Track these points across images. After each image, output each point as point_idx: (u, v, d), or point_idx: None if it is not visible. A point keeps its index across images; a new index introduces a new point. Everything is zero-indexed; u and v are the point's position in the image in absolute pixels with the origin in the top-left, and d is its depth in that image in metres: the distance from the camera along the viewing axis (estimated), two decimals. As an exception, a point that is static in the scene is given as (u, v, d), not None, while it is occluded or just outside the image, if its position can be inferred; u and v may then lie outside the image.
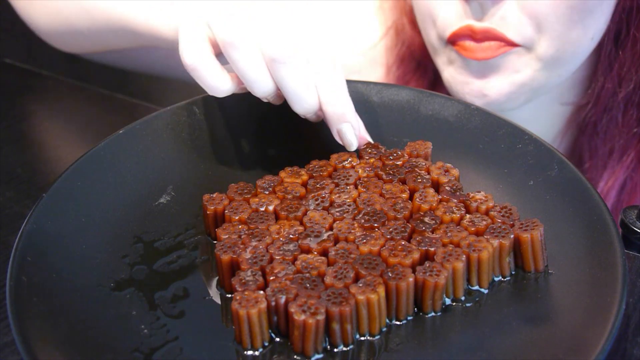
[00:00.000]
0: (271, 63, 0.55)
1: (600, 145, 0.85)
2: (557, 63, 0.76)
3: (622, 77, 0.80)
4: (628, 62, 0.79)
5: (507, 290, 0.52)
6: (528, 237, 0.52)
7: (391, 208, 0.55)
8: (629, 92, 0.80)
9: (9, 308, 0.47)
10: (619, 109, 0.82)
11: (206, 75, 0.56)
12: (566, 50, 0.75)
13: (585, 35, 0.75)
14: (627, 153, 0.84)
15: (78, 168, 0.58)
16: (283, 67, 0.55)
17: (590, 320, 0.47)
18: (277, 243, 0.52)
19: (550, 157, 0.59)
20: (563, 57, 0.76)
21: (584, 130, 0.86)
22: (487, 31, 0.73)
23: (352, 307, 0.48)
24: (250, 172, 0.62)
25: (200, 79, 0.56)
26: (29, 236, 0.52)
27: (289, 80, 0.56)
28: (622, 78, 0.80)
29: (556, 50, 0.74)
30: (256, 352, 0.48)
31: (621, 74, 0.80)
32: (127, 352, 0.48)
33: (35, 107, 0.84)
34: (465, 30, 0.74)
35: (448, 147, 0.63)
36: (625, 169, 0.84)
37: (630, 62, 0.78)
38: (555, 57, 0.75)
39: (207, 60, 0.56)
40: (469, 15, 0.74)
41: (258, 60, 0.56)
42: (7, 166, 0.73)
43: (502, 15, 0.73)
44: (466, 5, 0.74)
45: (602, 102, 0.82)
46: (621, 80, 0.80)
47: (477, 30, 0.74)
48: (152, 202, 0.59)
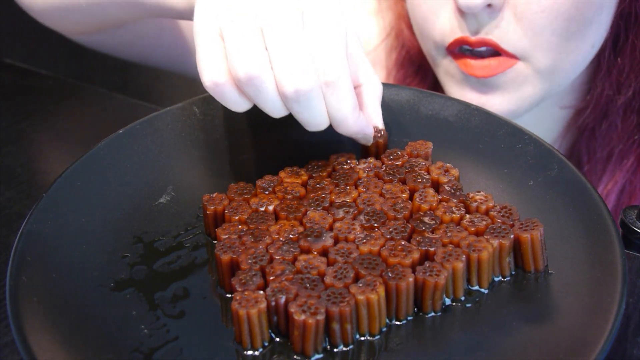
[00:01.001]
0: (286, 100, 0.53)
1: (598, 150, 0.84)
2: (556, 73, 0.76)
3: (621, 83, 0.79)
4: (627, 69, 0.78)
5: (507, 290, 0.52)
6: (528, 237, 0.52)
7: (391, 208, 0.55)
8: (628, 98, 0.80)
9: (9, 308, 0.47)
10: (618, 115, 0.82)
11: (225, 95, 0.54)
12: (564, 60, 0.75)
13: (585, 45, 0.75)
14: (627, 157, 0.83)
15: (78, 168, 0.58)
16: (296, 105, 0.53)
17: (590, 320, 0.47)
18: (277, 243, 0.52)
19: (550, 157, 0.59)
20: (562, 66, 0.75)
21: (582, 134, 0.85)
22: (482, 41, 0.73)
23: (352, 307, 0.48)
24: (250, 172, 0.62)
25: (220, 98, 0.54)
26: (29, 236, 0.52)
27: (304, 114, 0.54)
28: (621, 84, 0.79)
29: (553, 60, 0.74)
30: (256, 352, 0.48)
31: (620, 80, 0.79)
32: (127, 352, 0.48)
33: (35, 107, 0.84)
34: (462, 41, 0.74)
35: (448, 147, 0.63)
36: (625, 173, 0.84)
37: (629, 68, 0.78)
38: (552, 67, 0.75)
39: (226, 81, 0.53)
40: (463, 29, 0.74)
41: (273, 96, 0.53)
42: (7, 166, 0.73)
43: (497, 25, 0.72)
44: (461, 19, 0.73)
45: (601, 108, 0.82)
46: (620, 86, 0.80)
47: (472, 41, 0.74)
48: (152, 202, 0.59)
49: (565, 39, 0.73)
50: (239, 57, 0.52)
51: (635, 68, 0.78)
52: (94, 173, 0.58)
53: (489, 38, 0.73)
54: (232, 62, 0.52)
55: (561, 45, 0.73)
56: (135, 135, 0.62)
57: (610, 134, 0.83)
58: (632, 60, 0.78)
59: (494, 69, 0.74)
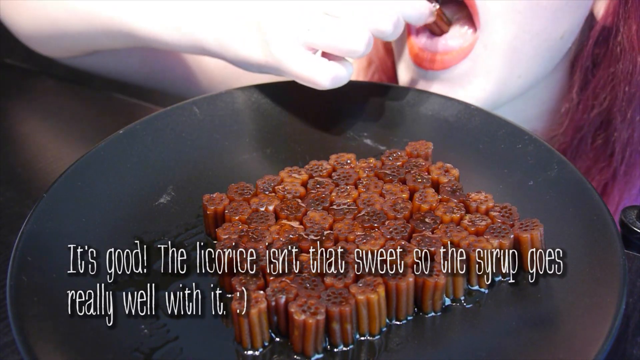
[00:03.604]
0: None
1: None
2: (514, 56, 0.71)
3: (596, 96, 0.78)
4: (601, 84, 0.76)
5: (507, 290, 0.52)
6: (528, 237, 0.52)
7: (391, 208, 0.55)
8: (601, 111, 0.78)
9: (9, 308, 0.47)
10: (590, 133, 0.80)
11: (345, 74, 0.61)
12: (526, 41, 0.70)
13: (553, 31, 0.71)
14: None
15: (78, 168, 0.58)
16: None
17: (590, 320, 0.47)
18: (277, 243, 0.52)
19: (550, 157, 0.59)
20: (523, 48, 0.71)
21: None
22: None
23: (352, 307, 0.48)
24: (250, 172, 0.62)
25: (344, 81, 0.61)
26: (29, 236, 0.52)
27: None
28: (595, 98, 0.78)
29: (513, 37, 0.70)
30: (256, 352, 0.48)
31: (595, 95, 0.78)
32: (127, 352, 0.48)
33: (35, 107, 0.84)
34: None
35: (448, 147, 0.63)
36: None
37: (603, 84, 0.76)
38: (512, 46, 0.70)
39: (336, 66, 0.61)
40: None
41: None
42: (7, 166, 0.73)
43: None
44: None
45: (573, 129, 0.81)
46: (594, 102, 0.78)
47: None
48: (152, 202, 0.59)
49: (533, 14, 0.69)
50: (345, 34, 0.60)
51: (607, 86, 0.76)
52: (94, 173, 0.58)
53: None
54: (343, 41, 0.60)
55: (526, 20, 0.69)
56: (135, 135, 0.62)
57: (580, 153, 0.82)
58: (605, 78, 0.76)
59: (449, 62, 0.71)
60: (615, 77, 0.75)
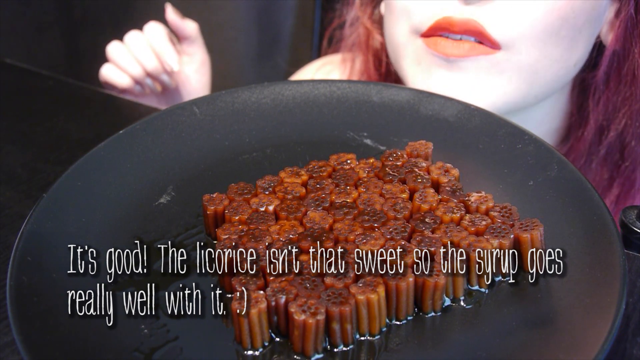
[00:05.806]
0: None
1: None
2: (536, 77, 0.73)
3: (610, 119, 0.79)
4: (613, 105, 0.77)
5: (507, 290, 0.52)
6: (528, 237, 0.52)
7: (391, 208, 0.55)
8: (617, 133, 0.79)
9: (9, 308, 0.47)
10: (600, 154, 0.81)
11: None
12: (546, 66, 0.72)
13: (570, 57, 0.73)
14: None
15: (78, 168, 0.58)
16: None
17: (590, 320, 0.47)
18: (277, 243, 0.52)
19: (550, 157, 0.59)
20: (542, 72, 0.73)
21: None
22: (467, 22, 0.70)
23: (352, 307, 0.48)
24: (250, 172, 0.62)
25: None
26: (29, 236, 0.52)
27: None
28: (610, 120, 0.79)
29: (536, 60, 0.72)
30: (256, 352, 0.48)
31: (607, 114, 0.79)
32: (127, 352, 0.48)
33: (35, 107, 0.84)
34: (444, 23, 0.71)
35: (448, 147, 0.63)
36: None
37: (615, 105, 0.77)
38: (534, 67, 0.72)
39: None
40: (448, 9, 0.71)
41: None
42: (7, 166, 0.72)
43: (487, 8, 0.70)
44: (446, 2, 0.71)
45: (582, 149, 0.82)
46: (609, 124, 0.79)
47: (456, 22, 0.70)
48: (152, 202, 0.59)
49: (554, 42, 0.71)
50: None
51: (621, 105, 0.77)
52: (94, 173, 0.58)
53: (474, 20, 0.70)
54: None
55: (548, 47, 0.71)
56: (135, 135, 0.62)
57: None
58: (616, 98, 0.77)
59: (467, 51, 0.71)
60: (627, 98, 0.77)
